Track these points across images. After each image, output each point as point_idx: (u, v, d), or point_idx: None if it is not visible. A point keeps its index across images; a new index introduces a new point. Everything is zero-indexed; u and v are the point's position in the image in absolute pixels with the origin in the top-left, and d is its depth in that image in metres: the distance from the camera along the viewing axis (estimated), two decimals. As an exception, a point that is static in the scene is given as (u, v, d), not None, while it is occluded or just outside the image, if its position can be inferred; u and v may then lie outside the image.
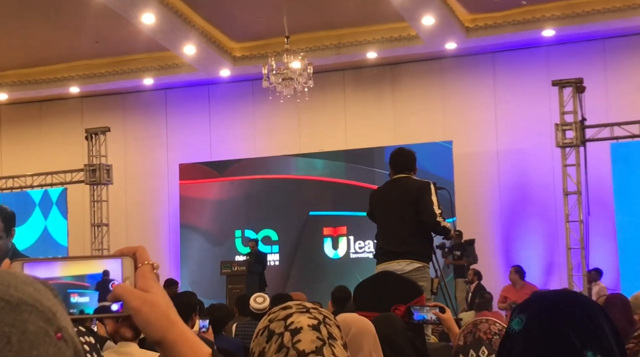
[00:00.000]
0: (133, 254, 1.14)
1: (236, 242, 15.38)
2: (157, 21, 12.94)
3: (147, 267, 1.13)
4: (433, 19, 12.84)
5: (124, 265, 1.12)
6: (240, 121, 16.11)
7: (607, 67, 14.01)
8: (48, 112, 17.22)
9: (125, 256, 1.13)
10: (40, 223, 15.41)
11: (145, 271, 1.13)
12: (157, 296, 1.11)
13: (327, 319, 1.69)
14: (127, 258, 1.13)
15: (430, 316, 3.83)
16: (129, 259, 1.13)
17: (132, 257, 1.13)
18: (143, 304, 1.09)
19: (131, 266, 1.12)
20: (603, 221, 12.90)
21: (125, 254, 1.14)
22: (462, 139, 14.38)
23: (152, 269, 1.14)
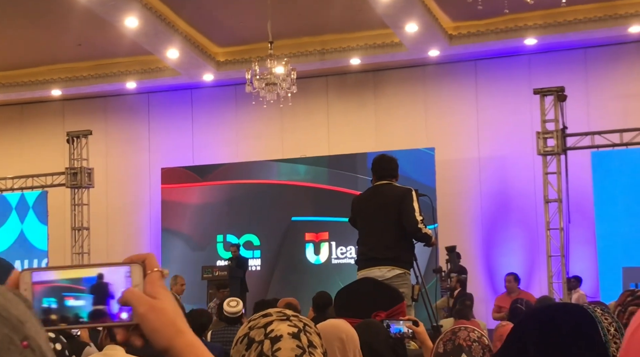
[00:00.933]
0: (142, 261, 1.14)
1: (218, 247, 15.34)
2: (141, 25, 12.90)
3: (156, 274, 1.13)
4: (416, 26, 12.89)
5: (133, 272, 1.12)
6: (223, 126, 16.09)
7: (588, 76, 14.12)
8: (29, 115, 17.12)
9: (135, 263, 1.12)
10: (16, 227, 15.31)
11: (153, 278, 1.12)
12: (164, 303, 1.10)
13: (307, 327, 1.69)
14: (136, 265, 1.12)
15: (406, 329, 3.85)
16: (138, 266, 1.12)
17: (141, 265, 1.13)
18: (150, 311, 1.09)
19: (140, 273, 1.12)
20: (583, 228, 12.99)
21: (134, 261, 1.13)
22: (444, 146, 14.44)
23: (161, 276, 1.13)
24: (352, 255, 13.70)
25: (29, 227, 15.27)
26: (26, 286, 1.09)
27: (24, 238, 15.28)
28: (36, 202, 15.25)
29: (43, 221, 15.23)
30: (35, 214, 15.22)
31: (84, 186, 14.84)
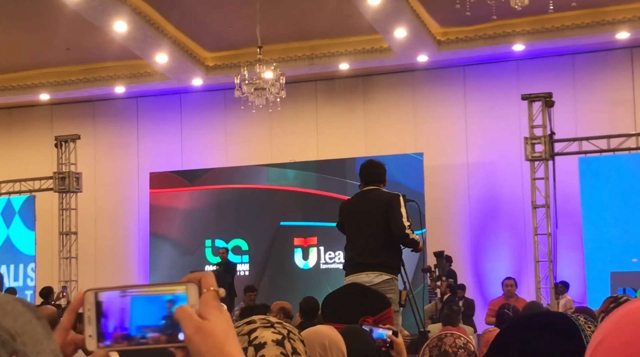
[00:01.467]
0: (198, 280, 1.10)
1: (206, 251, 15.31)
2: (130, 29, 12.88)
3: (211, 294, 1.08)
4: (405, 31, 12.93)
5: (189, 292, 1.08)
6: (212, 130, 16.08)
7: (576, 82, 14.20)
8: (17, 119, 17.06)
9: (191, 282, 1.09)
10: (2, 232, 15.26)
11: (207, 298, 1.08)
12: (214, 325, 1.05)
13: (292, 334, 1.70)
14: (192, 285, 1.08)
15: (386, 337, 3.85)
16: (194, 285, 1.09)
17: (197, 284, 1.09)
18: (196, 333, 1.04)
19: (196, 292, 1.08)
20: (571, 234, 13.04)
21: (191, 280, 1.09)
22: (432, 151, 14.47)
23: (217, 295, 1.09)
24: (341, 260, 13.69)
25: (15, 232, 15.22)
26: (90, 306, 1.08)
27: (10, 243, 15.23)
28: (22, 207, 15.19)
29: (29, 226, 15.17)
30: (21, 219, 15.16)
31: (72, 190, 14.80)
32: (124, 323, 1.08)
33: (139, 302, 1.09)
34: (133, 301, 1.08)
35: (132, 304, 1.08)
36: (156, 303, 1.09)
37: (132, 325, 1.08)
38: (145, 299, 1.09)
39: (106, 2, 12.09)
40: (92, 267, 15.69)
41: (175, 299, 1.09)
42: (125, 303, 1.08)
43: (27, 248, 15.21)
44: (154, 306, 1.09)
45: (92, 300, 1.08)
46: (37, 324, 0.84)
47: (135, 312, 1.08)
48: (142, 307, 1.08)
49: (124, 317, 1.08)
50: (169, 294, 1.09)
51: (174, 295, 1.09)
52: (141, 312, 1.08)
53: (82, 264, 15.03)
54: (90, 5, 12.08)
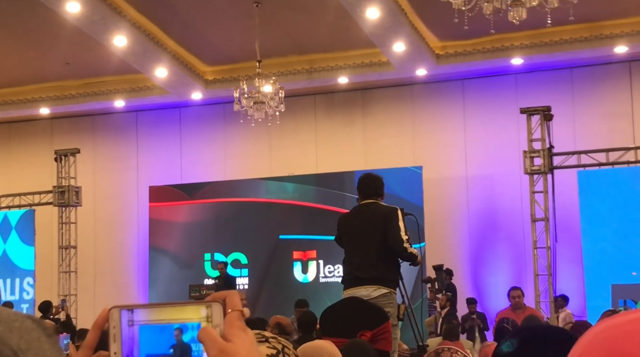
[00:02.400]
0: (223, 300, 1.07)
1: (205, 265, 15.30)
2: (129, 44, 12.92)
3: (235, 314, 1.06)
4: (404, 45, 12.97)
5: (214, 312, 1.06)
6: (211, 144, 16.10)
7: (575, 96, 14.23)
8: (17, 133, 17.08)
9: (216, 301, 1.07)
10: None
11: (231, 318, 1.05)
12: (237, 347, 1.02)
13: (286, 349, 1.70)
14: (216, 304, 1.06)
15: None
16: (219, 305, 1.06)
17: (221, 303, 1.07)
18: (219, 355, 1.02)
19: (220, 312, 1.06)
20: (570, 247, 13.04)
21: (216, 299, 1.07)
22: (431, 165, 14.48)
23: (242, 316, 1.07)
24: (340, 274, 13.66)
25: (12, 247, 15.27)
26: (115, 323, 1.06)
27: (6, 258, 15.26)
28: (19, 222, 15.24)
29: (26, 241, 15.20)
30: (17, 234, 15.19)
31: (71, 204, 14.80)
32: (133, 352, 1.07)
33: (147, 331, 1.08)
34: (141, 330, 1.07)
35: (141, 333, 1.07)
36: (164, 332, 1.07)
37: (142, 353, 1.07)
38: (153, 328, 1.08)
39: (106, 16, 12.13)
40: (91, 281, 15.67)
41: (184, 328, 1.08)
42: (134, 332, 1.07)
43: (24, 262, 15.22)
44: (162, 335, 1.07)
45: (117, 317, 1.07)
46: (45, 341, 0.84)
47: (144, 341, 1.07)
48: (150, 336, 1.07)
49: (133, 347, 1.07)
50: (178, 323, 1.08)
51: (182, 324, 1.08)
52: (149, 341, 1.07)
53: (81, 278, 15.01)
54: (90, 19, 12.13)
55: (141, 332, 1.08)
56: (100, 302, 15.03)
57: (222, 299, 1.08)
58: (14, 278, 15.14)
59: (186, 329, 1.07)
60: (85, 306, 14.52)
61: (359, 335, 4.08)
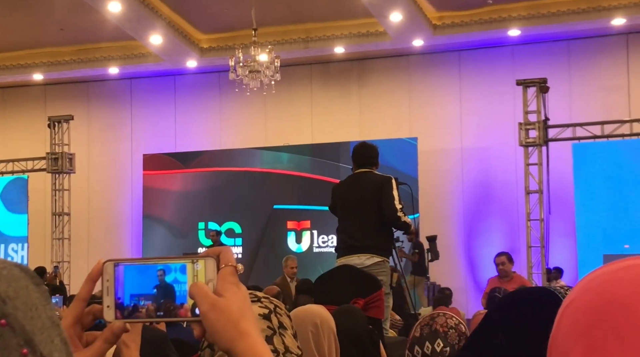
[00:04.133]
0: (217, 255, 1.08)
1: (199, 234, 15.32)
2: (124, 10, 12.81)
3: (228, 269, 1.06)
4: (401, 15, 12.89)
5: (207, 267, 1.06)
6: (206, 113, 16.04)
7: (571, 68, 14.18)
8: (10, 99, 16.99)
9: (209, 257, 1.07)
10: None
11: (225, 273, 1.06)
12: (229, 302, 1.03)
13: (278, 309, 1.70)
14: (210, 259, 1.07)
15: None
16: (212, 260, 1.07)
17: (215, 259, 1.07)
18: (211, 309, 1.03)
19: (214, 267, 1.06)
20: (563, 220, 13.07)
21: (209, 255, 1.08)
22: (427, 136, 14.47)
23: (235, 271, 1.06)
24: (334, 244, 13.69)
25: None
26: (109, 277, 1.07)
27: None
28: (4, 190, 15.28)
29: (10, 209, 15.25)
30: (2, 202, 15.19)
31: (65, 171, 14.77)
32: (117, 291, 1.08)
33: (131, 271, 1.08)
34: (126, 270, 1.08)
35: (125, 273, 1.08)
36: (148, 273, 1.08)
37: (126, 293, 1.08)
38: (137, 268, 1.09)
39: (100, -18, 12.02)
40: (84, 248, 15.68)
41: (167, 269, 1.08)
42: (119, 272, 1.08)
43: (9, 230, 15.28)
44: (146, 276, 1.08)
45: (111, 271, 1.08)
46: (34, 289, 0.83)
47: (128, 281, 1.08)
48: (135, 276, 1.08)
49: (117, 286, 1.08)
50: (161, 264, 1.08)
51: (165, 265, 1.09)
52: (133, 281, 1.08)
53: (74, 245, 15.02)
54: (84, -15, 12.01)
55: (126, 273, 1.08)
56: (93, 269, 15.05)
57: (216, 254, 1.08)
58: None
59: (169, 270, 1.08)
60: (78, 273, 14.54)
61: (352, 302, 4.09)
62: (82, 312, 1.09)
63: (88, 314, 1.09)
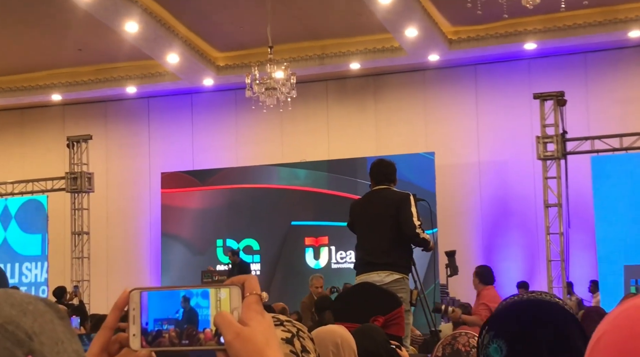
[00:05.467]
0: (242, 284, 1.08)
1: (218, 251, 15.34)
2: (141, 30, 12.92)
3: (253, 298, 1.06)
4: (416, 30, 12.91)
5: (232, 295, 1.07)
6: (223, 130, 16.11)
7: (588, 81, 14.13)
8: (30, 120, 17.14)
9: (234, 285, 1.08)
10: (0, 235, 15.61)
11: (250, 302, 1.06)
12: (254, 331, 1.04)
13: (301, 332, 1.69)
14: (235, 288, 1.07)
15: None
16: (237, 288, 1.07)
17: (240, 287, 1.08)
18: (235, 339, 1.03)
19: (239, 296, 1.07)
20: (583, 233, 12.98)
21: (234, 283, 1.08)
22: (444, 151, 14.44)
23: (260, 300, 1.07)
24: (352, 259, 13.68)
25: (12, 235, 15.58)
26: (135, 305, 1.08)
27: (7, 245, 15.56)
28: (18, 211, 15.49)
29: (24, 229, 15.46)
30: (17, 222, 15.49)
31: (84, 190, 14.86)
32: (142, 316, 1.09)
33: (154, 297, 1.09)
34: (150, 296, 1.09)
35: (149, 299, 1.09)
36: (171, 299, 1.09)
37: (150, 319, 1.09)
38: (160, 294, 1.10)
39: (117, 2, 12.13)
40: (104, 267, 15.74)
41: (189, 295, 1.09)
42: (142, 298, 1.09)
43: (23, 249, 15.48)
44: (169, 302, 1.09)
45: (137, 299, 1.08)
46: (58, 324, 0.84)
47: (152, 307, 1.09)
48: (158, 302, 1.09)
49: (141, 312, 1.09)
50: (184, 290, 1.09)
51: (187, 291, 1.09)
52: (157, 306, 1.09)
53: (94, 264, 15.09)
54: (101, 5, 12.13)
55: (150, 299, 1.09)
56: (112, 288, 15.11)
57: (240, 282, 1.08)
58: (14, 263, 15.45)
59: (191, 295, 1.09)
60: (98, 292, 14.61)
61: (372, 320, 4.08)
62: (109, 341, 1.09)
63: (114, 343, 1.10)
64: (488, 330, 1.62)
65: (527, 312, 1.62)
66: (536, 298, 1.67)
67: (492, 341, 1.58)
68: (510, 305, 1.67)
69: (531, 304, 1.65)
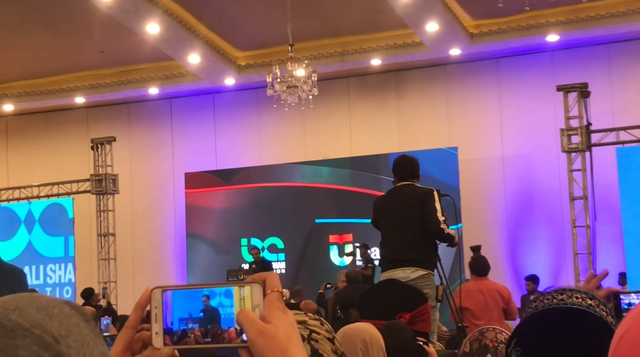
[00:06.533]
0: (263, 281, 1.08)
1: (242, 250, 15.38)
2: (162, 31, 12.98)
3: (275, 295, 1.07)
4: (437, 25, 12.85)
5: (253, 292, 1.07)
6: (246, 129, 16.14)
7: (612, 72, 13.99)
8: (54, 123, 17.28)
9: (255, 282, 1.08)
10: (25, 238, 15.83)
11: (271, 299, 1.06)
12: (276, 328, 1.04)
13: (314, 334, 1.65)
14: (256, 285, 1.07)
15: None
16: (258, 286, 1.07)
17: (261, 284, 1.08)
18: (259, 336, 1.03)
19: (260, 293, 1.07)
20: (610, 225, 12.87)
21: (255, 280, 1.08)
22: (467, 145, 14.37)
23: (281, 297, 1.07)
24: (376, 256, 13.67)
25: (36, 238, 15.78)
26: (157, 303, 1.09)
27: (31, 247, 15.75)
28: (42, 215, 15.66)
29: (47, 232, 15.63)
30: (40, 226, 15.67)
31: (109, 192, 14.96)
32: (166, 316, 1.09)
33: (178, 296, 1.10)
34: (174, 295, 1.09)
35: (173, 298, 1.09)
36: (194, 298, 1.10)
37: (174, 318, 1.09)
38: (183, 294, 1.10)
39: (138, 4, 12.19)
40: (130, 268, 15.85)
41: (211, 294, 1.10)
42: (167, 297, 1.09)
43: (47, 251, 15.64)
44: (192, 301, 1.10)
45: (159, 298, 1.09)
46: (84, 326, 0.84)
47: (176, 306, 1.09)
48: (182, 301, 1.09)
49: (167, 311, 1.09)
50: (206, 289, 1.10)
51: (209, 290, 1.10)
52: (181, 306, 1.09)
53: (120, 265, 15.20)
54: (122, 8, 12.20)
55: (173, 298, 1.10)
56: (139, 289, 15.20)
57: (261, 280, 1.08)
58: (39, 265, 15.64)
59: (214, 295, 1.10)
60: (125, 293, 14.70)
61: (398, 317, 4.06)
62: (132, 339, 1.10)
63: (137, 341, 1.10)
64: (516, 345, 1.56)
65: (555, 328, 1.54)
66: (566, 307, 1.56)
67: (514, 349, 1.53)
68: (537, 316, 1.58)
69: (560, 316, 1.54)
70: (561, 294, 1.62)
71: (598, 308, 1.56)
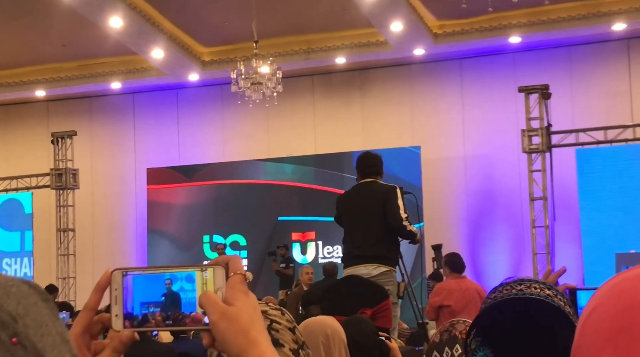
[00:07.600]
0: (226, 264, 1.08)
1: (204, 247, 15.31)
2: (125, 25, 12.85)
3: (237, 278, 1.06)
4: (401, 25, 12.91)
5: (216, 275, 1.07)
6: (209, 126, 16.06)
7: (573, 74, 14.19)
8: (13, 116, 17.02)
9: (218, 265, 1.08)
10: None
11: (234, 282, 1.05)
12: (239, 310, 1.03)
13: (275, 324, 1.65)
14: (218, 268, 1.07)
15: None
16: (221, 268, 1.07)
17: (224, 267, 1.07)
18: (221, 318, 1.02)
19: (223, 276, 1.06)
20: (568, 225, 13.05)
21: (218, 263, 1.08)
22: (430, 145, 14.47)
23: (244, 279, 1.06)
24: (339, 254, 13.69)
25: None
26: (117, 285, 1.08)
27: None
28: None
29: (4, 226, 15.45)
30: None
31: (69, 187, 14.78)
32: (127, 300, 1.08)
33: (140, 280, 1.09)
34: (135, 279, 1.09)
35: (134, 282, 1.09)
36: (156, 282, 1.09)
37: (135, 302, 1.08)
38: (145, 277, 1.10)
39: (101, -3, 12.06)
40: (89, 263, 15.67)
41: (173, 278, 1.09)
42: (128, 281, 1.09)
43: (3, 245, 15.46)
44: (154, 285, 1.09)
45: (120, 280, 1.08)
46: (43, 306, 0.83)
47: (137, 290, 1.09)
48: (143, 285, 1.09)
49: (127, 295, 1.09)
50: (168, 273, 1.09)
51: (171, 274, 1.09)
52: (142, 290, 1.09)
53: (79, 260, 15.02)
54: (85, 1, 12.06)
55: (134, 282, 1.09)
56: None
57: (224, 262, 1.08)
58: None
59: (175, 279, 1.09)
60: (84, 289, 14.54)
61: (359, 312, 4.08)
62: (91, 321, 1.09)
63: (97, 323, 1.09)
64: (475, 335, 1.56)
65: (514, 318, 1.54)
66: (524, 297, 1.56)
67: (479, 349, 1.54)
68: (496, 307, 1.58)
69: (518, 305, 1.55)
70: (520, 284, 1.62)
71: (556, 298, 1.57)
